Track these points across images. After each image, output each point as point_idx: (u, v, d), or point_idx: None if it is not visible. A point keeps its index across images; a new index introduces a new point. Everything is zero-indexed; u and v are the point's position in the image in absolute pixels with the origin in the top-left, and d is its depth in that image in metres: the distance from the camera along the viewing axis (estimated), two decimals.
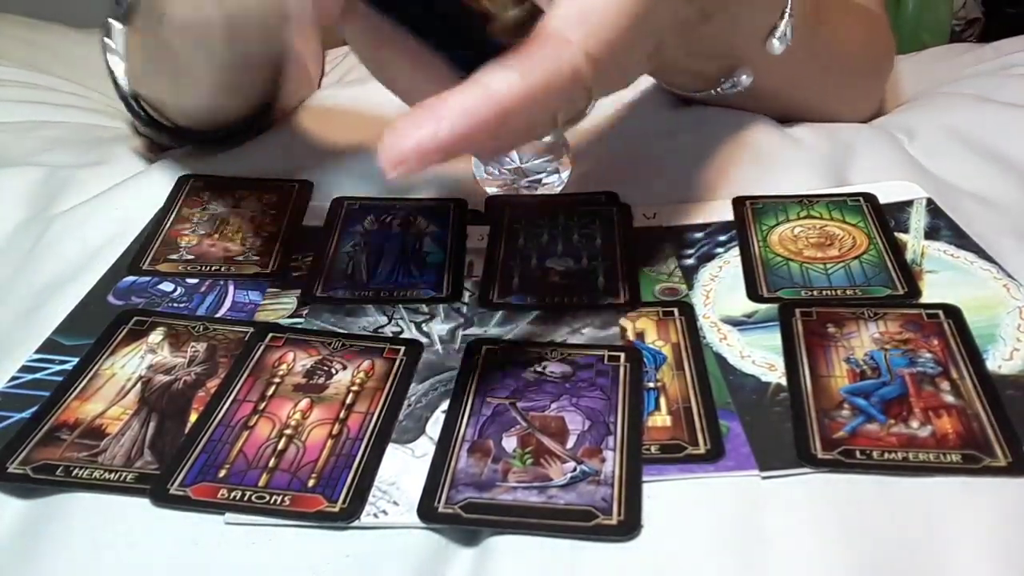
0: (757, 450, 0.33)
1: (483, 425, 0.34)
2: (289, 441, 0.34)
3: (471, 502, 0.31)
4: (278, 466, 0.33)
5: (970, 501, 0.31)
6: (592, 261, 0.44)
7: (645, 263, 0.44)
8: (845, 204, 0.47)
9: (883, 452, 0.32)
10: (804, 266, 0.43)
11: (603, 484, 0.31)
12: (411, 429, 0.35)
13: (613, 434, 0.33)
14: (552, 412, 0.35)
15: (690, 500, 0.31)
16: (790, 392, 0.35)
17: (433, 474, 0.32)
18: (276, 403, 0.36)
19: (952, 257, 0.42)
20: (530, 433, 0.34)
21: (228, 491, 0.32)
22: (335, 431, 0.34)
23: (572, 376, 0.36)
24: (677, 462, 0.32)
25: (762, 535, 0.30)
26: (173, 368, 0.38)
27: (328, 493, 0.32)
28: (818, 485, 0.32)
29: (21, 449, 0.34)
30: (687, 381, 0.36)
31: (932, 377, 0.35)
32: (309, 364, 0.38)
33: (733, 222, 0.46)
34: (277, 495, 0.32)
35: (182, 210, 0.49)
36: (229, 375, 0.37)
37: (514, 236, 0.46)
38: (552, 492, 0.31)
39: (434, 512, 0.31)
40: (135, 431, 0.35)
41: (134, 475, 0.33)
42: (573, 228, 0.47)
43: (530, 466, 0.32)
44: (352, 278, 0.44)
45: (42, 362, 0.39)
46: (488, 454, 0.33)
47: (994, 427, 0.33)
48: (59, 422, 0.35)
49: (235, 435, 0.34)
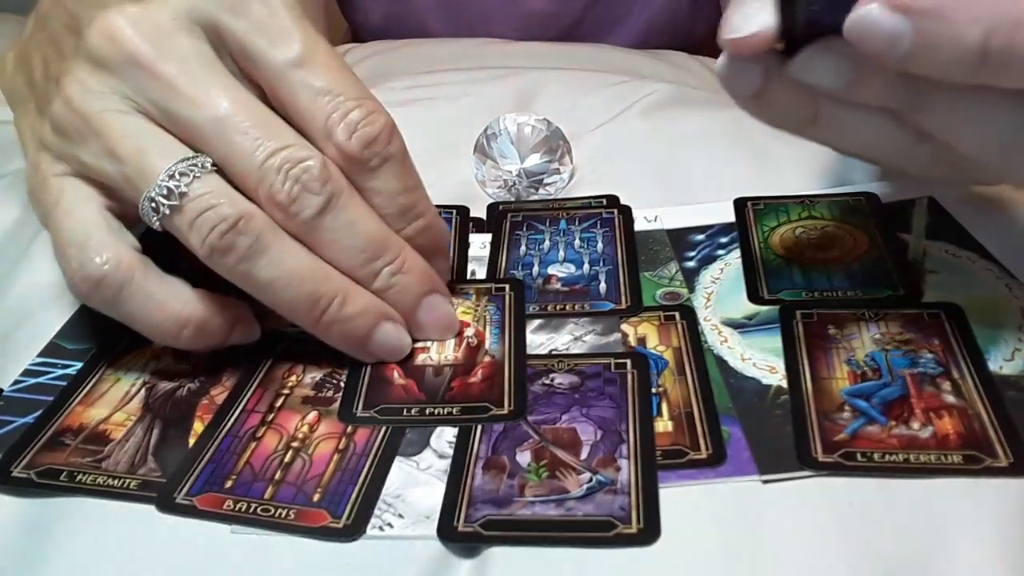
0: (758, 454, 0.33)
1: (496, 441, 0.34)
2: (296, 454, 0.34)
3: (490, 519, 0.31)
4: (284, 479, 0.33)
5: (972, 502, 0.31)
6: (594, 267, 0.44)
7: (647, 267, 0.44)
8: (846, 204, 0.47)
9: (884, 454, 0.32)
10: (805, 267, 0.43)
11: (620, 493, 0.32)
12: (415, 442, 0.35)
13: (626, 442, 0.34)
14: (563, 424, 0.35)
15: (692, 506, 0.31)
16: (791, 395, 0.35)
17: (450, 493, 0.32)
18: (284, 415, 0.36)
19: (954, 257, 0.42)
20: (543, 446, 0.34)
21: (234, 502, 0.32)
22: (342, 445, 0.35)
23: (580, 386, 0.36)
24: (679, 467, 0.33)
25: (763, 540, 0.30)
26: (177, 375, 0.38)
27: (332, 508, 0.32)
28: (819, 488, 0.32)
29: (25, 454, 0.34)
30: (689, 386, 0.36)
31: (933, 377, 0.35)
32: (319, 376, 0.38)
33: (734, 223, 0.46)
34: (282, 508, 0.32)
35: None
36: (238, 384, 0.38)
37: (516, 244, 0.46)
38: (570, 504, 0.31)
39: (454, 532, 0.31)
40: (139, 437, 0.35)
41: (137, 482, 0.33)
42: (575, 233, 0.47)
43: (546, 479, 0.32)
44: None
45: (45, 366, 0.39)
46: (503, 470, 0.33)
47: (996, 428, 0.33)
48: (63, 427, 0.36)
49: (243, 446, 0.35)
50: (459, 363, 0.38)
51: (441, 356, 0.38)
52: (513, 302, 0.41)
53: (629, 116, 0.56)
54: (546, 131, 0.50)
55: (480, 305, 0.41)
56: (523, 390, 0.36)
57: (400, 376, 0.37)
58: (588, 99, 0.58)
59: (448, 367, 0.38)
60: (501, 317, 0.40)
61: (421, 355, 0.38)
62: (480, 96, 0.58)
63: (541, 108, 0.55)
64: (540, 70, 0.62)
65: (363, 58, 0.72)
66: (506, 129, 0.50)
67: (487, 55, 0.69)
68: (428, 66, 0.66)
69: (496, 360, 0.38)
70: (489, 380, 0.37)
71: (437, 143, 0.54)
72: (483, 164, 0.50)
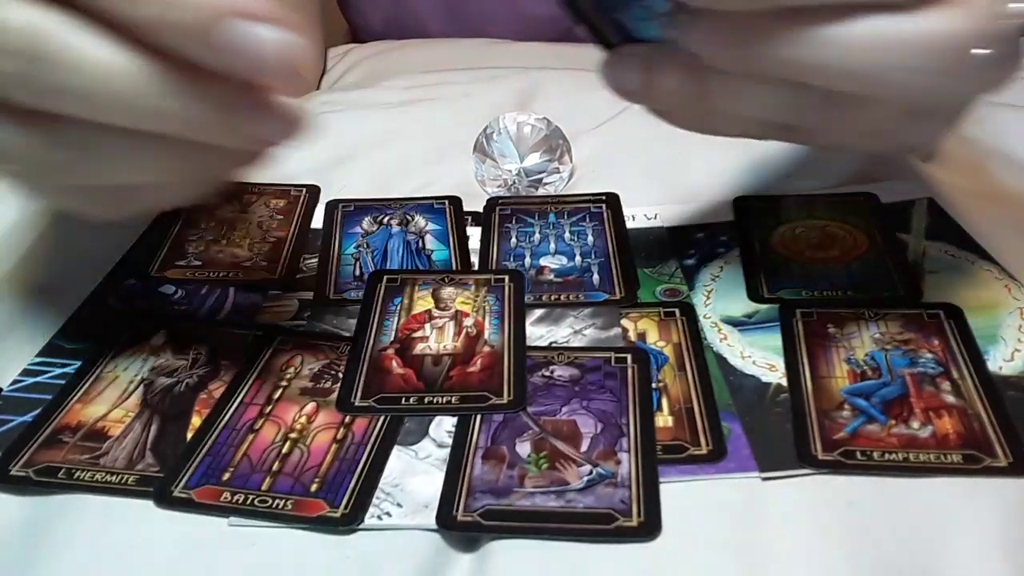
0: (758, 451, 0.33)
1: (495, 431, 0.34)
2: (294, 445, 0.34)
3: (489, 509, 0.31)
4: (282, 470, 0.33)
5: (971, 502, 0.31)
6: (586, 259, 0.44)
7: (646, 264, 0.44)
8: (846, 204, 0.47)
9: (884, 453, 0.32)
10: (805, 266, 0.43)
11: (620, 486, 0.32)
12: (414, 432, 0.35)
13: (626, 435, 0.34)
14: (563, 416, 0.35)
15: (691, 501, 0.31)
16: (791, 393, 0.35)
17: (449, 482, 0.32)
18: (282, 406, 0.36)
19: (953, 257, 0.42)
20: (543, 438, 0.34)
21: (231, 494, 0.32)
22: (340, 436, 0.34)
23: (580, 379, 0.36)
24: (679, 463, 0.33)
25: (763, 537, 0.30)
26: (175, 371, 0.38)
27: (330, 498, 0.32)
28: (818, 486, 0.32)
29: (23, 452, 0.34)
30: (689, 382, 0.36)
31: (933, 377, 0.35)
32: (317, 368, 0.38)
33: (734, 222, 0.46)
34: (280, 499, 0.32)
35: (190, 216, 0.49)
36: (237, 377, 0.38)
37: (505, 236, 0.46)
38: (570, 496, 0.31)
39: (453, 520, 0.31)
40: (137, 433, 0.35)
41: (136, 477, 0.33)
42: (564, 227, 0.47)
43: (546, 471, 0.32)
44: (362, 279, 0.44)
45: (44, 365, 0.39)
46: (503, 460, 0.33)
47: (995, 427, 0.33)
48: (61, 425, 0.36)
49: (240, 438, 0.35)
50: (458, 352, 0.38)
51: (440, 345, 0.38)
52: (512, 292, 0.41)
53: (629, 116, 0.56)
54: (546, 130, 0.50)
55: (479, 295, 0.41)
56: (522, 380, 0.36)
57: (399, 365, 0.37)
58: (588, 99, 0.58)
59: (447, 356, 0.38)
60: (500, 307, 0.40)
61: (420, 344, 0.38)
62: (480, 96, 0.58)
63: (541, 108, 0.55)
64: (540, 70, 0.62)
65: (363, 58, 0.72)
66: (506, 128, 0.50)
67: (487, 55, 0.69)
68: (428, 66, 0.66)
69: (495, 350, 0.38)
70: (488, 370, 0.37)
71: (437, 143, 0.54)
72: (483, 163, 0.50)
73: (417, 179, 0.52)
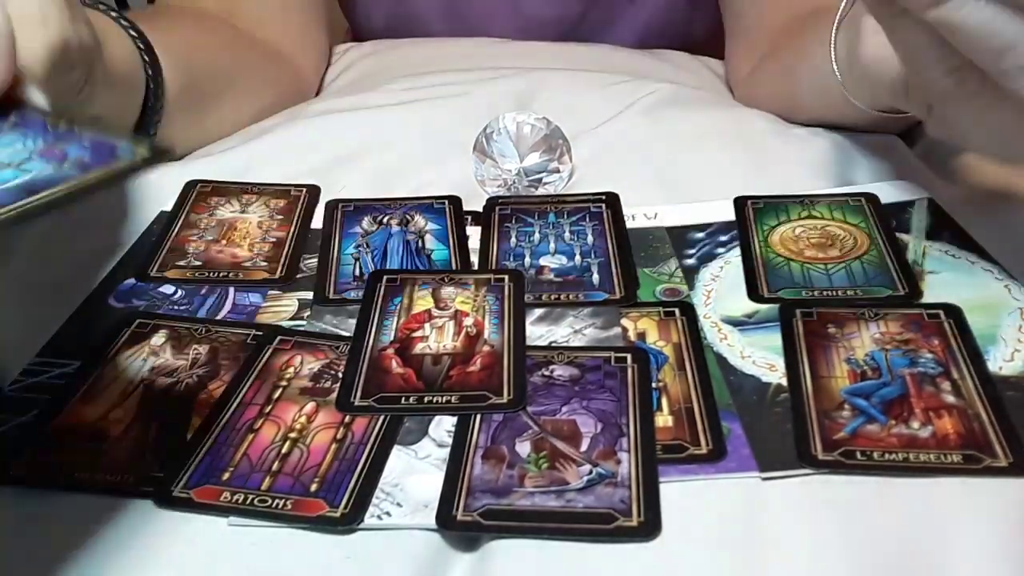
0: (758, 451, 0.33)
1: (495, 431, 0.34)
2: (294, 445, 0.34)
3: (489, 508, 0.31)
4: (281, 470, 0.33)
5: (971, 501, 0.31)
6: (585, 258, 0.44)
7: (647, 264, 0.44)
8: (846, 204, 0.47)
9: (884, 453, 0.32)
10: (805, 266, 0.43)
11: (620, 486, 0.32)
12: (414, 431, 0.35)
13: (626, 435, 0.34)
14: (563, 415, 0.35)
15: (691, 501, 0.31)
16: (791, 393, 0.35)
17: (449, 482, 0.32)
18: (282, 406, 0.36)
19: (953, 257, 0.42)
20: (543, 438, 0.34)
21: (231, 494, 0.32)
22: (339, 435, 0.34)
23: (580, 379, 0.36)
24: (679, 462, 0.33)
25: (763, 537, 0.30)
26: (175, 371, 0.38)
27: (330, 498, 0.32)
28: (818, 486, 0.32)
29: (24, 452, 0.34)
30: (689, 381, 0.36)
31: (933, 377, 0.35)
32: (316, 368, 0.38)
33: (734, 222, 0.46)
34: (279, 499, 0.32)
35: (190, 216, 0.49)
36: (236, 377, 0.38)
37: (505, 236, 0.46)
38: (570, 496, 0.31)
39: (453, 520, 0.31)
40: (137, 434, 0.35)
41: (136, 477, 0.33)
42: (564, 226, 0.47)
43: (546, 470, 0.32)
44: (362, 279, 0.44)
45: (44, 366, 0.39)
46: (503, 460, 0.33)
47: (995, 427, 0.33)
48: (61, 425, 0.36)
49: (240, 438, 0.34)
50: (457, 352, 0.38)
51: (440, 345, 0.38)
52: (512, 292, 0.41)
53: (629, 115, 0.56)
54: (545, 130, 0.50)
55: (479, 295, 0.41)
56: (522, 380, 0.36)
57: (398, 365, 0.37)
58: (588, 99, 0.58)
59: (446, 356, 0.38)
60: (500, 307, 0.40)
61: (419, 344, 0.38)
62: (480, 96, 0.58)
63: (541, 108, 0.55)
64: (540, 70, 0.62)
65: (363, 58, 0.72)
66: (506, 128, 0.50)
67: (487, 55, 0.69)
68: (428, 66, 0.66)
69: (495, 349, 0.38)
70: (488, 369, 0.37)
71: (437, 143, 0.54)
72: (482, 163, 0.50)
73: (417, 179, 0.52)
